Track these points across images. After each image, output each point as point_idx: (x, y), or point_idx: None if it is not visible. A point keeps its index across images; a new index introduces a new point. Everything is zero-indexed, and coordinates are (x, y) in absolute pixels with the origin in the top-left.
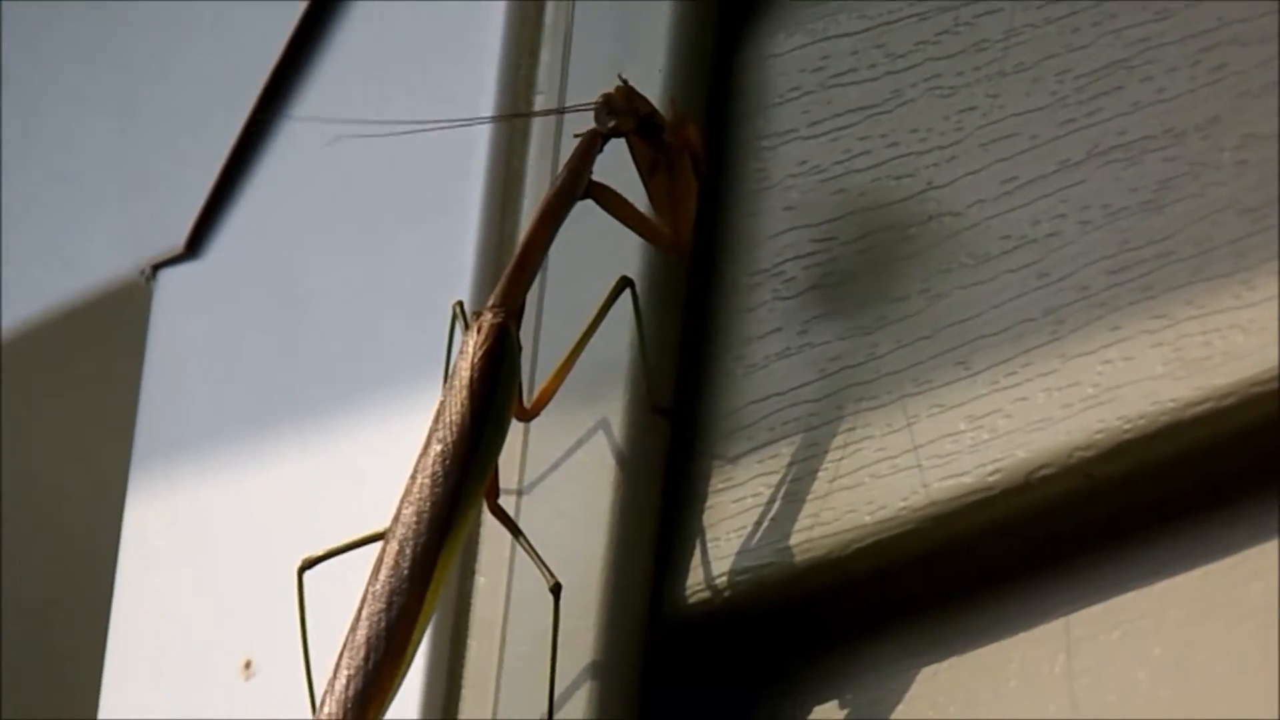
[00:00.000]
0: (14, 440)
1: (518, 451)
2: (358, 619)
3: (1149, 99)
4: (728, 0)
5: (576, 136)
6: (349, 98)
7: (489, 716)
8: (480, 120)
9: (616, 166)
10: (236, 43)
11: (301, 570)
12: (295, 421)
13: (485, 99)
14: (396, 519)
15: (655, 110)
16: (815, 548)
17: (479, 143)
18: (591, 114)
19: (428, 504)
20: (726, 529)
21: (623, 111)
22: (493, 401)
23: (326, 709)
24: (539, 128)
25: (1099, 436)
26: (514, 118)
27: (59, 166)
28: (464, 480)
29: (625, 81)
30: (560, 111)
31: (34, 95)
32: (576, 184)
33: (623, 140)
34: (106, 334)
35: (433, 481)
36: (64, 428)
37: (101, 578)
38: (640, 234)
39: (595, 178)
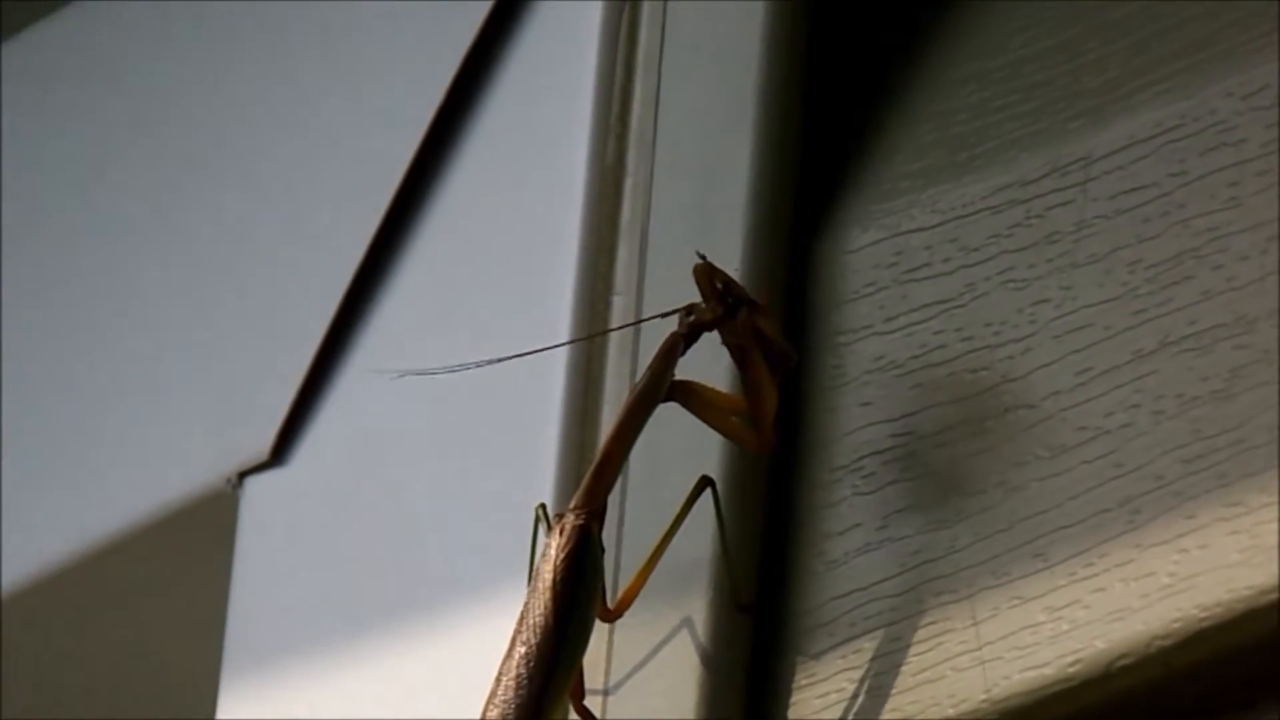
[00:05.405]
0: (105, 650)
1: (603, 652)
2: None
3: (1219, 287)
4: (803, 197)
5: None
6: (428, 296)
7: None
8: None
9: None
10: (314, 257)
11: None
12: (382, 627)
13: (563, 299)
14: None
15: (738, 290)
16: None
17: (559, 348)
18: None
19: (512, 706)
20: None
21: (705, 309)
22: (575, 603)
23: None
24: (618, 333)
25: (1176, 625)
26: (592, 336)
27: (144, 376)
28: (548, 682)
29: (704, 258)
30: (638, 324)
31: (114, 305)
32: (659, 387)
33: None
34: (195, 542)
35: (517, 684)
36: (154, 637)
37: None
38: (724, 433)
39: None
